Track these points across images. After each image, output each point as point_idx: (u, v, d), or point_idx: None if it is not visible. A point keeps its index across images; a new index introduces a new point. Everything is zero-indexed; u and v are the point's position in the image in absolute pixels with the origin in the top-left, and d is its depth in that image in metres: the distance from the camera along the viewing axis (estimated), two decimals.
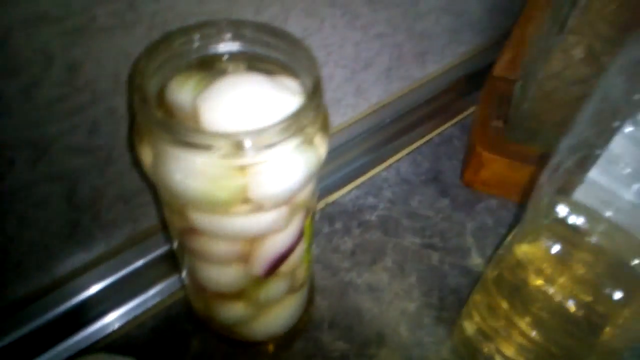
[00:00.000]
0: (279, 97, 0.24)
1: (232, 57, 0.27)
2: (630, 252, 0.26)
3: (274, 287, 0.30)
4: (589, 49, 0.36)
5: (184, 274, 0.33)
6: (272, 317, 0.33)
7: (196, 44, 0.26)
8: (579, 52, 0.36)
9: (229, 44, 0.26)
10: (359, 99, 0.49)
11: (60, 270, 0.36)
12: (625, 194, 0.24)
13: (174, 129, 0.22)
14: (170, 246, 0.39)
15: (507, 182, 0.45)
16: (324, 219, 0.44)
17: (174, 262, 0.38)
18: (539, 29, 0.43)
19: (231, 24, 0.26)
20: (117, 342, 0.36)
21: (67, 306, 0.36)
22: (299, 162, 0.24)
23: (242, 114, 0.24)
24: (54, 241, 0.34)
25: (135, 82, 0.23)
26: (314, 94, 0.24)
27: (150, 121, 0.22)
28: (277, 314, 0.33)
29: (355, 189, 0.46)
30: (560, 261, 0.29)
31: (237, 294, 0.30)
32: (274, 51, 0.26)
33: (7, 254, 0.33)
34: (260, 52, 0.27)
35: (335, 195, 0.46)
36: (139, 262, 0.39)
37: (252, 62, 0.27)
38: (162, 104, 0.25)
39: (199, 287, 0.31)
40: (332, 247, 0.42)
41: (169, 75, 0.25)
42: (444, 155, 0.50)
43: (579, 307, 0.28)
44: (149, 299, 0.38)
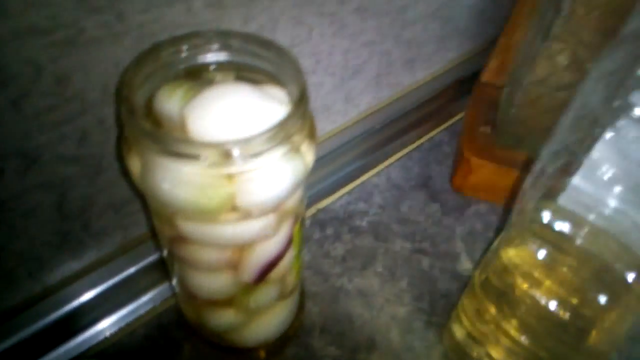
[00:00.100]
0: (265, 106, 0.25)
1: (219, 67, 0.27)
2: (614, 256, 0.27)
3: (264, 294, 0.31)
4: (573, 56, 0.37)
5: (175, 281, 0.33)
6: (263, 323, 0.33)
7: (184, 54, 0.26)
8: (563, 59, 0.37)
9: (216, 54, 0.27)
10: (349, 106, 0.49)
11: (51, 278, 0.36)
12: (607, 199, 0.25)
13: (162, 139, 0.22)
14: (160, 254, 0.40)
15: (496, 187, 0.45)
16: (315, 225, 0.44)
17: (165, 269, 0.38)
18: (525, 36, 0.44)
19: (218, 35, 0.26)
20: (109, 350, 0.36)
21: (58, 314, 0.36)
22: (286, 170, 0.24)
23: (229, 123, 0.24)
24: (44, 250, 0.35)
25: (122, 93, 0.23)
26: (300, 103, 0.24)
27: (137, 132, 0.23)
28: (268, 321, 0.34)
29: (346, 194, 0.47)
30: (546, 265, 0.29)
31: (227, 301, 0.30)
32: (260, 61, 0.26)
33: None
34: (247, 62, 0.27)
35: (326, 201, 0.46)
36: (130, 270, 0.39)
37: (240, 72, 0.27)
38: (150, 113, 0.25)
39: (189, 294, 0.31)
40: (323, 253, 0.42)
41: (157, 85, 0.26)
42: (434, 160, 0.50)
43: (566, 311, 0.28)
44: (140, 306, 0.38)
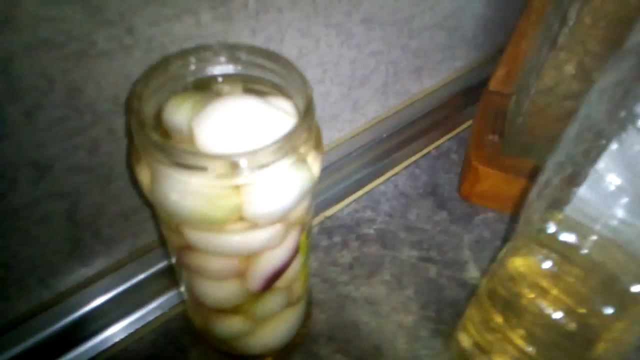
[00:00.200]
0: (272, 118, 0.25)
1: (227, 79, 0.27)
2: (621, 266, 0.27)
3: (271, 302, 0.31)
4: (580, 65, 0.37)
5: (183, 288, 0.33)
6: (270, 331, 0.34)
7: (192, 67, 0.27)
8: (570, 69, 0.37)
9: (224, 67, 0.27)
10: (356, 115, 0.49)
11: (61, 285, 0.37)
12: (613, 210, 0.25)
13: (171, 151, 0.22)
14: (169, 261, 0.40)
15: (503, 196, 0.45)
16: (323, 233, 0.44)
17: (174, 276, 0.38)
18: (532, 45, 0.44)
19: (226, 48, 0.27)
20: (118, 356, 0.37)
21: (68, 320, 0.37)
22: (293, 180, 0.25)
23: (237, 135, 0.24)
24: (55, 257, 0.35)
25: (132, 106, 0.24)
26: (307, 115, 0.24)
27: (147, 143, 0.23)
28: (275, 328, 0.34)
29: (353, 202, 0.47)
30: (552, 275, 0.29)
31: (234, 309, 0.31)
32: (267, 73, 0.27)
33: (11, 270, 0.33)
34: (254, 74, 0.27)
35: (333, 209, 0.46)
36: (139, 277, 0.39)
37: (247, 84, 0.28)
38: (159, 124, 0.26)
39: (197, 301, 0.31)
40: (331, 261, 0.42)
41: (166, 97, 0.26)
42: (442, 168, 0.50)
43: (572, 321, 0.28)
44: (149, 313, 0.39)
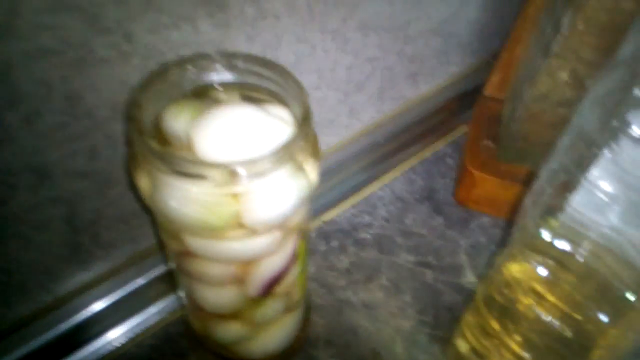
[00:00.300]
0: (270, 126, 0.25)
1: (225, 87, 0.28)
2: (615, 273, 0.27)
3: (270, 307, 0.31)
4: (573, 73, 0.37)
5: (182, 293, 0.34)
6: (269, 336, 0.34)
7: (191, 75, 0.27)
8: (563, 76, 0.37)
9: (221, 75, 0.27)
10: (353, 120, 0.49)
11: (61, 289, 0.37)
12: (606, 218, 0.25)
13: (170, 159, 0.23)
14: (168, 266, 0.40)
15: (499, 201, 0.45)
16: (320, 237, 0.45)
17: (173, 281, 0.38)
18: (526, 52, 0.44)
19: (224, 56, 0.27)
20: None
21: (68, 325, 0.37)
22: (290, 188, 0.25)
23: (235, 143, 0.25)
24: (55, 262, 0.35)
25: (131, 114, 0.24)
26: (304, 123, 0.25)
27: (146, 151, 0.23)
28: (273, 333, 0.34)
29: (350, 207, 0.47)
30: (548, 282, 0.29)
31: (233, 314, 0.31)
32: (265, 81, 0.27)
33: (11, 275, 0.34)
34: (252, 82, 0.28)
35: (331, 213, 0.46)
36: (139, 281, 0.39)
37: (244, 91, 0.28)
38: (158, 131, 0.26)
39: (196, 306, 0.32)
40: (328, 265, 0.43)
41: (164, 104, 0.26)
42: (438, 173, 0.51)
43: (568, 327, 0.29)
44: (148, 317, 0.39)
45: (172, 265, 0.32)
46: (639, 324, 0.28)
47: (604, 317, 0.27)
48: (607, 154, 0.24)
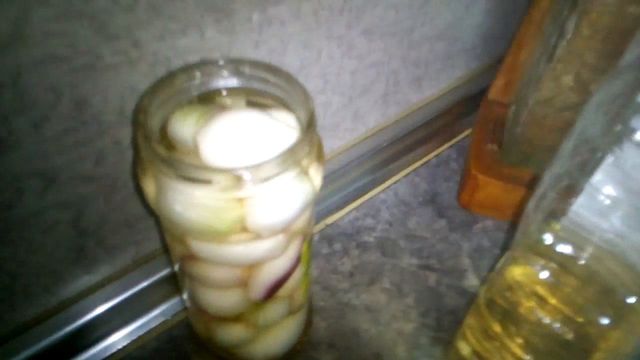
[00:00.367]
0: (275, 131, 0.26)
1: (231, 92, 0.28)
2: (616, 278, 0.27)
3: (273, 310, 0.31)
4: (578, 77, 0.37)
5: (185, 296, 0.34)
6: (272, 338, 0.34)
7: (197, 81, 0.27)
8: (568, 80, 0.37)
9: (227, 80, 0.28)
10: (357, 124, 0.50)
11: (66, 292, 0.37)
12: (609, 223, 0.25)
13: (176, 165, 0.23)
14: (172, 268, 0.40)
15: (502, 204, 0.45)
16: (323, 240, 0.45)
17: (177, 283, 0.39)
18: (531, 56, 0.44)
19: (230, 62, 0.27)
20: None
21: (72, 327, 0.37)
22: (295, 192, 0.25)
23: (241, 148, 0.25)
24: (60, 265, 0.35)
25: (138, 119, 0.24)
26: (309, 128, 0.25)
27: (152, 156, 0.23)
28: (276, 336, 0.34)
29: (354, 210, 0.47)
30: (550, 285, 0.29)
31: (236, 317, 0.31)
32: (270, 87, 0.28)
33: (17, 278, 0.34)
34: (257, 88, 0.28)
35: (334, 216, 0.47)
36: (143, 284, 0.40)
37: (250, 97, 0.28)
38: (164, 136, 0.27)
39: (199, 309, 0.32)
40: (331, 268, 0.43)
41: (171, 110, 0.27)
42: (441, 177, 0.51)
43: (570, 330, 0.29)
44: (152, 320, 0.39)
45: (175, 267, 0.32)
46: None
47: (605, 320, 0.27)
48: (610, 159, 0.24)
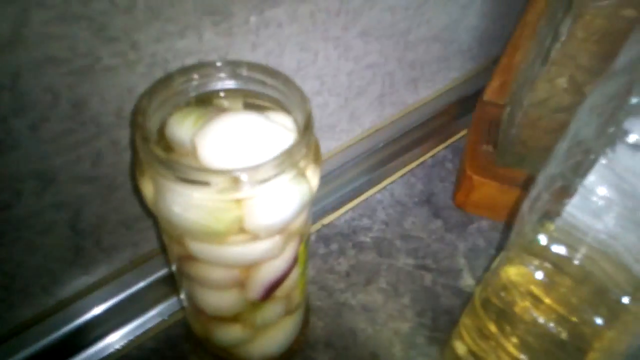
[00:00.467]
0: (272, 133, 0.26)
1: (228, 94, 0.28)
2: (610, 278, 0.27)
3: (270, 311, 0.31)
4: (572, 79, 0.37)
5: (183, 296, 0.34)
6: (269, 338, 0.34)
7: (195, 83, 0.27)
8: (562, 82, 0.38)
9: (225, 82, 0.28)
10: (353, 125, 0.50)
11: (64, 292, 0.37)
12: (602, 224, 0.25)
13: (174, 166, 0.23)
14: (170, 268, 0.41)
15: (498, 205, 0.46)
16: (320, 240, 0.45)
17: (174, 283, 0.39)
18: (526, 58, 0.45)
19: (227, 64, 0.28)
20: None
21: (70, 327, 0.37)
22: (292, 194, 0.25)
23: (238, 150, 0.25)
24: (58, 265, 0.36)
25: (137, 121, 0.24)
26: (306, 131, 0.25)
27: (151, 158, 0.24)
28: (273, 336, 0.34)
29: (350, 210, 0.48)
30: (544, 285, 0.29)
31: (234, 317, 0.31)
32: (267, 89, 0.28)
33: (14, 278, 0.34)
34: (255, 90, 0.28)
35: (330, 217, 0.47)
36: (140, 285, 0.40)
37: (247, 99, 0.28)
38: (162, 138, 0.27)
39: (197, 309, 0.32)
40: (328, 268, 0.43)
41: (169, 111, 0.27)
42: (437, 177, 0.51)
43: (564, 330, 0.29)
44: (149, 320, 0.39)
45: (173, 267, 0.33)
46: (634, 327, 0.28)
47: (599, 320, 0.28)
48: (603, 160, 0.24)
